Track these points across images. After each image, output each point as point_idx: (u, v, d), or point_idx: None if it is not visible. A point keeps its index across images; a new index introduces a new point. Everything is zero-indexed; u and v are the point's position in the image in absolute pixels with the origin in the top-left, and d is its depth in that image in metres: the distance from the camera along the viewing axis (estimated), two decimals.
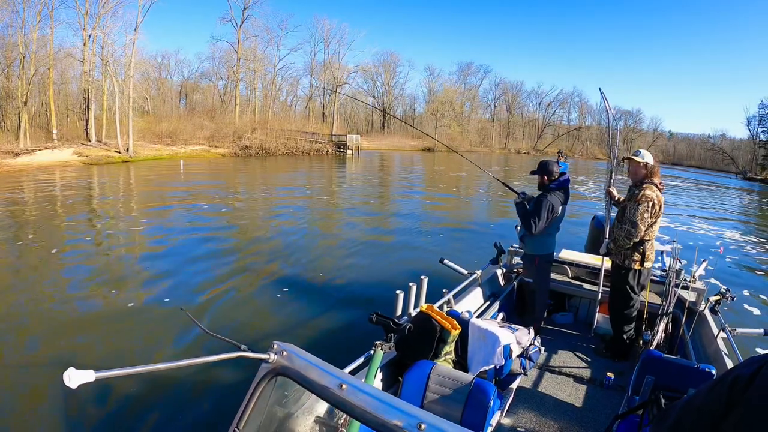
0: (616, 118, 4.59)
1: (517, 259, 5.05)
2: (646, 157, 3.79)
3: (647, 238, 3.73)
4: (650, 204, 3.63)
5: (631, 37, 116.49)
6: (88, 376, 0.91)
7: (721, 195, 31.04)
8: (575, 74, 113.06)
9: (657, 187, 3.71)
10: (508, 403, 3.08)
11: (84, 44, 30.74)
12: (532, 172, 4.19)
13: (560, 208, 4.02)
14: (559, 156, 11.08)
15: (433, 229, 11.87)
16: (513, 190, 4.43)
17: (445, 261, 4.23)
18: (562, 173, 4.12)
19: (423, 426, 0.96)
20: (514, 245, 5.09)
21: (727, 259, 10.46)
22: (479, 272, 4.41)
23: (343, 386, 1.10)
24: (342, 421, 1.96)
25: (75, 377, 0.89)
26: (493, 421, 2.80)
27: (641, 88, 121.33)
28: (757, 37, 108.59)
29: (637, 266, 3.77)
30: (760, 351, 4.93)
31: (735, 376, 0.88)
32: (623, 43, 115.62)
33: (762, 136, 59.59)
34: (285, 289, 6.70)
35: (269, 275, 7.38)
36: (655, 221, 3.70)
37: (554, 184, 4.04)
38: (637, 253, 3.75)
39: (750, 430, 0.82)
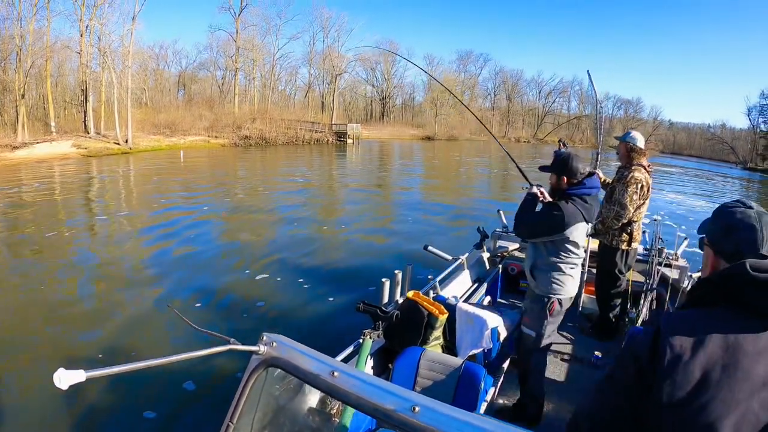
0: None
1: (500, 243, 5.07)
2: (636, 138, 3.84)
3: (635, 219, 3.81)
4: (639, 186, 3.71)
5: (631, 25, 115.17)
6: (79, 376, 0.87)
7: (721, 184, 30.86)
8: (575, 63, 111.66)
9: (645, 169, 3.78)
10: (498, 385, 3.15)
11: (81, 35, 30.44)
12: (542, 168, 2.84)
13: (579, 225, 2.64)
14: (560, 144, 10.95)
15: (418, 216, 11.91)
16: (526, 178, 3.14)
17: (430, 248, 4.22)
18: (591, 173, 2.75)
19: (417, 408, 0.97)
20: (498, 229, 5.13)
21: None
22: (464, 257, 4.41)
23: (335, 373, 1.08)
24: (335, 409, 1.98)
25: (65, 378, 0.85)
26: (484, 403, 2.89)
27: (641, 76, 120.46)
28: (759, 27, 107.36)
29: (624, 246, 3.85)
30: None
31: (634, 356, 0.99)
32: (623, 31, 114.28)
33: (762, 126, 58.66)
34: (270, 281, 6.71)
35: (254, 267, 7.36)
36: (643, 203, 3.79)
37: (579, 189, 2.68)
38: (624, 234, 3.83)
39: (684, 394, 0.88)
